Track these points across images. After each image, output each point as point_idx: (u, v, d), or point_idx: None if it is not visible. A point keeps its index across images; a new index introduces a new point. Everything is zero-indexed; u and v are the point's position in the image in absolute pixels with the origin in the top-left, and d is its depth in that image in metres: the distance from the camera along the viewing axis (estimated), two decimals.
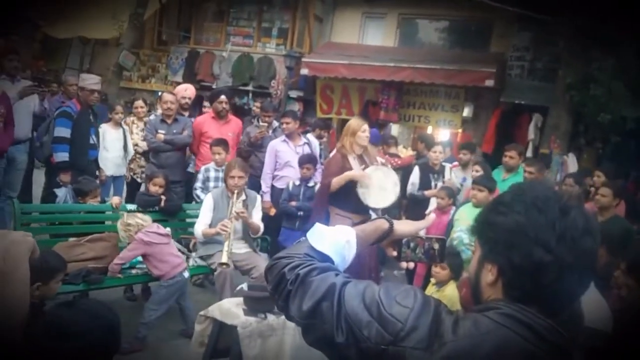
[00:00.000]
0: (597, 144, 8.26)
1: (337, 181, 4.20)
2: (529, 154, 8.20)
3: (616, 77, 6.94)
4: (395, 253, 1.39)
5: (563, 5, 7.31)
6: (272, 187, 5.41)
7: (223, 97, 5.46)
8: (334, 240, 1.21)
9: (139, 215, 3.92)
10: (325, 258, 1.18)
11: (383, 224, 1.33)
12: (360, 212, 4.20)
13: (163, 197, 4.38)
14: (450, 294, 3.74)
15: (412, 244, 1.39)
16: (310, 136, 6.03)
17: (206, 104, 8.08)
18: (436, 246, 1.42)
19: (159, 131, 5.44)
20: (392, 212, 5.97)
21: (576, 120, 7.97)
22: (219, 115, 5.46)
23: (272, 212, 5.28)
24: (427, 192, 5.42)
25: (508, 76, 9.59)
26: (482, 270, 1.06)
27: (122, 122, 5.98)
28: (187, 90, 6.09)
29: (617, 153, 8.34)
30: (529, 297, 0.98)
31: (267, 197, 5.33)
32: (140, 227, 3.76)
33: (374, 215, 4.24)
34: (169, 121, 5.52)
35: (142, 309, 3.80)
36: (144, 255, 3.77)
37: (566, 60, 7.92)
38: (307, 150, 5.46)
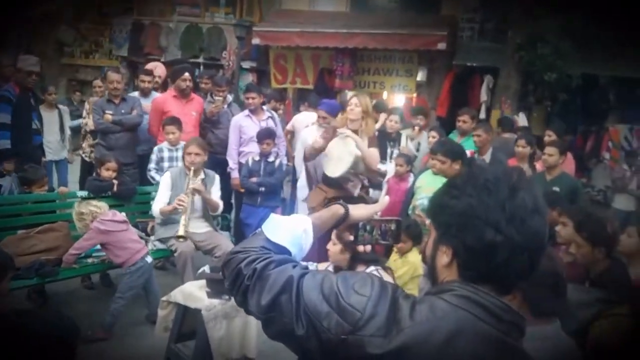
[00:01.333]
0: (546, 102, 8.49)
1: (307, 150, 4.28)
2: (482, 115, 8.37)
3: (563, 35, 7.10)
4: (352, 237, 1.38)
5: None
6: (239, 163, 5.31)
7: (187, 74, 5.25)
8: (291, 230, 1.19)
9: (93, 202, 3.78)
10: (282, 250, 1.16)
11: (339, 209, 1.33)
12: (333, 187, 4.17)
13: (115, 182, 4.23)
14: (413, 260, 3.82)
15: (368, 227, 1.39)
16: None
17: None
18: (392, 227, 1.43)
19: (107, 112, 5.23)
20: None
21: (525, 80, 8.16)
22: (182, 94, 5.26)
23: (242, 189, 5.19)
24: (381, 167, 5.43)
25: (459, 38, 9.64)
26: (438, 252, 1.07)
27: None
28: (157, 69, 5.87)
29: (565, 110, 8.62)
30: (483, 277, 1.00)
31: (236, 174, 5.22)
32: (95, 215, 3.63)
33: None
34: (116, 101, 5.31)
35: (102, 296, 3.72)
36: (102, 244, 3.66)
37: (515, 21, 8.03)
38: (271, 124, 5.37)
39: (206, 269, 3.28)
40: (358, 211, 1.36)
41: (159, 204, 4.19)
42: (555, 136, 5.47)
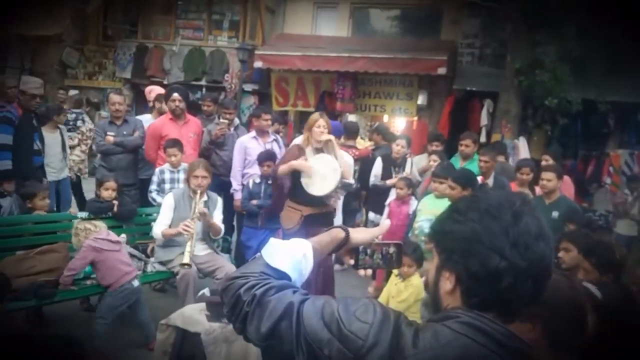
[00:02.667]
0: (545, 127, 8.54)
1: (281, 169, 4.26)
2: (482, 139, 8.41)
3: (560, 61, 7.18)
4: (352, 261, 1.38)
5: None
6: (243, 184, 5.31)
7: (176, 95, 5.26)
8: (290, 255, 1.18)
9: (93, 221, 3.78)
10: (281, 275, 1.15)
11: (339, 233, 1.33)
12: (310, 204, 4.18)
13: (115, 202, 4.22)
14: (416, 283, 3.79)
15: (369, 251, 1.39)
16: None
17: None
18: (393, 251, 1.43)
19: (108, 133, 5.27)
20: (351, 203, 6.01)
21: (525, 104, 8.22)
22: (175, 115, 5.29)
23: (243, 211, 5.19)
24: (388, 182, 5.47)
25: (459, 63, 9.77)
26: (440, 278, 1.06)
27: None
28: (152, 92, 5.90)
29: (565, 134, 8.68)
30: (487, 304, 0.99)
31: (239, 195, 5.21)
32: (88, 233, 3.61)
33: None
34: (118, 122, 5.36)
35: None
36: (93, 264, 3.62)
37: (513, 46, 8.14)
38: (275, 147, 5.40)
39: (206, 291, 3.25)
40: (358, 235, 1.36)
41: (161, 225, 4.17)
42: (552, 160, 5.51)
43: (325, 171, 4.06)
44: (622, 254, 2.44)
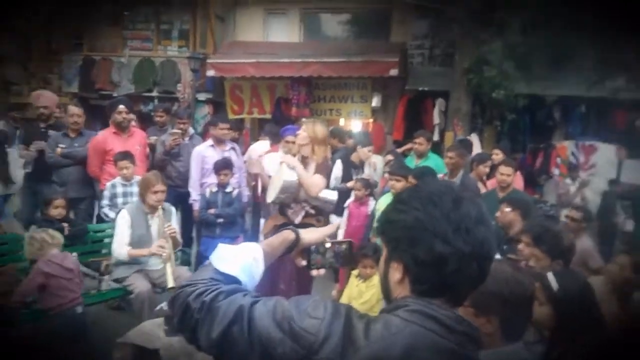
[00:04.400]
0: (495, 122, 8.81)
1: (264, 178, 4.32)
2: (435, 137, 8.59)
3: (506, 57, 7.43)
4: (304, 262, 1.37)
5: None
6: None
7: (122, 107, 5.13)
8: (240, 259, 1.17)
9: (50, 231, 3.60)
10: (232, 280, 1.13)
11: (289, 234, 1.32)
12: (281, 213, 4.11)
13: (66, 225, 4.05)
14: (375, 282, 3.81)
15: (321, 250, 1.38)
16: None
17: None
18: (345, 248, 1.43)
19: (59, 145, 5.11)
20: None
21: (475, 101, 8.46)
22: (121, 128, 5.14)
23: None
24: (348, 184, 5.50)
25: (410, 64, 9.96)
26: (389, 269, 1.08)
27: None
28: (41, 98, 5.48)
29: (513, 129, 8.97)
30: (435, 290, 1.01)
31: (197, 206, 5.12)
32: (44, 245, 3.45)
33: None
34: (72, 135, 5.21)
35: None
36: (42, 286, 3.44)
37: (461, 45, 8.36)
38: (233, 155, 5.32)
39: (164, 305, 3.16)
40: (309, 235, 1.36)
41: (122, 245, 4.00)
42: (502, 154, 5.68)
43: (276, 179, 4.04)
44: (571, 240, 2.52)
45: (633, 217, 6.48)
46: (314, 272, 1.40)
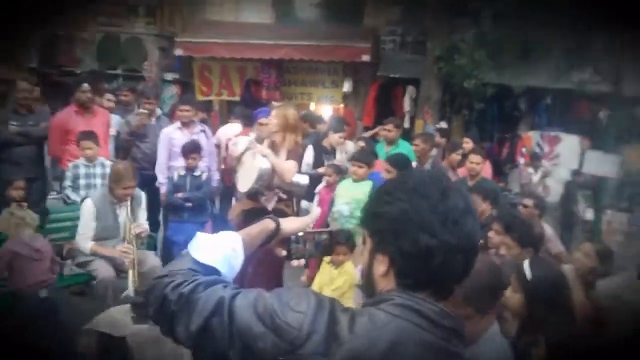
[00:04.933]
0: (464, 111, 8.93)
1: (230, 163, 4.30)
2: (406, 125, 8.64)
3: (478, 46, 7.50)
4: (285, 252, 1.34)
5: None
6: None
7: (85, 85, 4.93)
8: (219, 249, 1.12)
9: (29, 211, 3.57)
10: (211, 270, 1.09)
11: (269, 224, 1.28)
12: (251, 198, 4.05)
13: (25, 205, 3.88)
14: (349, 269, 3.82)
15: (301, 240, 1.36)
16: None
17: None
18: (325, 238, 1.41)
19: (11, 123, 4.86)
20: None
21: (445, 90, 8.53)
22: (84, 107, 4.94)
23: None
24: (319, 170, 5.47)
25: (382, 50, 9.93)
26: (374, 262, 1.05)
27: None
28: None
29: (481, 118, 9.12)
30: (421, 284, 0.99)
31: (164, 189, 4.99)
32: (19, 223, 3.40)
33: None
34: (23, 111, 4.96)
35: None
36: (8, 264, 3.35)
37: (433, 33, 8.40)
38: (203, 138, 5.19)
39: (130, 292, 3.08)
40: (289, 224, 1.32)
41: (87, 239, 3.86)
42: (472, 143, 5.78)
43: (249, 167, 3.94)
44: (540, 229, 2.57)
45: (593, 207, 6.71)
46: (295, 263, 1.38)
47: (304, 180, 4.09)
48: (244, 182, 3.94)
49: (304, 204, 5.82)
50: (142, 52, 9.98)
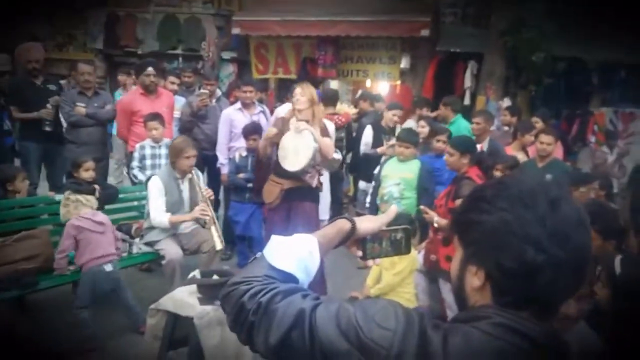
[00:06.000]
0: (530, 87, 8.46)
1: (262, 144, 4.23)
2: (466, 101, 8.32)
3: (547, 19, 7.04)
4: (360, 252, 1.28)
5: None
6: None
7: (150, 69, 5.00)
8: (295, 254, 1.06)
9: (85, 195, 3.70)
10: (287, 276, 1.04)
11: (345, 224, 1.22)
12: (290, 177, 4.06)
13: (97, 187, 4.04)
14: (412, 254, 3.75)
15: (377, 239, 1.30)
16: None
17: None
18: (400, 236, 1.34)
19: (78, 104, 5.04)
20: (338, 173, 5.87)
21: (509, 65, 8.10)
22: (148, 90, 5.05)
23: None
24: (379, 149, 5.38)
25: (442, 24, 9.55)
26: (466, 273, 0.96)
27: None
28: (31, 51, 5.21)
29: (549, 94, 8.62)
30: (522, 302, 0.89)
31: (225, 170, 5.04)
32: (78, 206, 3.55)
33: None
34: (88, 94, 5.14)
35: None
36: (75, 242, 3.50)
37: (497, 4, 7.95)
38: (262, 119, 5.21)
39: (196, 273, 3.15)
40: (365, 224, 1.25)
41: (162, 213, 3.97)
42: (542, 122, 5.45)
43: (299, 146, 3.93)
44: (626, 220, 2.39)
45: None
46: (370, 262, 1.31)
47: (337, 156, 4.29)
48: (296, 161, 3.93)
49: (362, 184, 5.77)
50: (201, 31, 10.10)
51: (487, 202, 0.92)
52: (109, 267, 3.53)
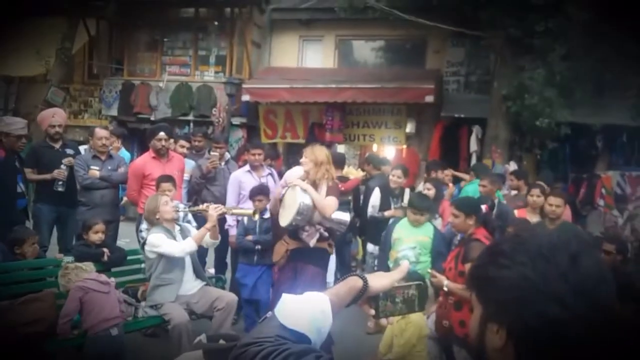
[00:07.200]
0: (535, 151, 8.58)
1: (272, 203, 4.34)
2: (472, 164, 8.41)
3: (548, 84, 7.24)
4: (373, 311, 1.25)
5: (492, 19, 7.59)
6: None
7: (162, 134, 5.14)
8: (307, 313, 1.04)
9: (84, 264, 3.65)
10: (299, 336, 1.01)
11: (356, 282, 1.20)
12: (294, 237, 4.07)
13: (106, 250, 4.04)
14: (416, 320, 3.65)
15: (390, 297, 1.27)
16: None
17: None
18: (413, 293, 1.31)
19: (92, 167, 5.15)
20: (345, 234, 5.83)
21: (513, 129, 8.26)
22: (160, 154, 5.17)
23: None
24: (386, 213, 5.38)
25: (445, 91, 9.85)
26: (486, 332, 0.93)
27: None
28: (56, 116, 5.37)
29: (554, 157, 8.71)
30: None
31: (234, 231, 5.03)
32: (79, 273, 3.50)
33: (309, 237, 4.06)
34: (102, 157, 5.26)
35: None
36: (81, 305, 3.43)
37: (499, 72, 8.22)
38: (270, 181, 5.28)
39: (203, 338, 3.07)
40: (377, 281, 1.23)
41: (180, 244, 3.96)
42: (545, 186, 5.48)
43: (290, 202, 3.98)
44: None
45: None
46: (384, 321, 1.28)
47: (344, 216, 4.15)
48: (285, 217, 3.97)
49: (370, 247, 5.72)
50: (212, 98, 10.45)
51: (505, 257, 0.90)
52: (114, 331, 3.45)
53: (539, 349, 0.86)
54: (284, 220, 3.98)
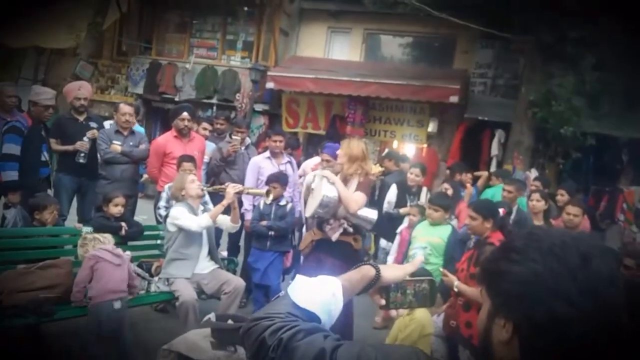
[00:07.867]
0: (558, 160, 8.45)
1: (303, 191, 4.29)
2: (493, 169, 8.32)
3: (576, 92, 7.12)
4: (383, 301, 1.27)
5: (524, 23, 7.48)
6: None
7: (185, 114, 5.20)
8: (319, 294, 1.07)
9: (103, 235, 3.70)
10: (310, 315, 1.04)
11: (369, 271, 1.22)
12: (319, 228, 4.05)
13: (124, 224, 4.11)
14: (420, 317, 3.65)
15: (401, 288, 1.28)
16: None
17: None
18: (424, 287, 1.32)
19: (114, 142, 5.22)
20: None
21: (538, 136, 8.14)
22: (182, 134, 5.23)
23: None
24: (401, 210, 5.37)
25: (471, 92, 9.75)
26: (493, 326, 0.94)
27: None
28: (81, 89, 5.44)
29: (577, 168, 8.57)
30: (550, 358, 0.87)
31: (249, 216, 5.07)
32: (96, 244, 3.54)
33: (332, 229, 4.00)
34: (125, 133, 5.33)
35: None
36: (92, 273, 3.45)
37: (527, 77, 8.10)
38: (289, 169, 5.31)
39: (212, 316, 3.13)
40: (390, 272, 1.25)
41: (197, 219, 4.02)
42: (567, 195, 5.40)
43: (315, 192, 3.96)
44: None
45: None
46: (393, 313, 1.30)
47: (372, 214, 3.98)
48: (310, 207, 3.95)
49: (382, 242, 5.72)
50: (237, 83, 10.50)
51: (517, 253, 0.91)
52: (117, 304, 3.41)
53: (544, 345, 0.87)
54: (308, 210, 3.98)
